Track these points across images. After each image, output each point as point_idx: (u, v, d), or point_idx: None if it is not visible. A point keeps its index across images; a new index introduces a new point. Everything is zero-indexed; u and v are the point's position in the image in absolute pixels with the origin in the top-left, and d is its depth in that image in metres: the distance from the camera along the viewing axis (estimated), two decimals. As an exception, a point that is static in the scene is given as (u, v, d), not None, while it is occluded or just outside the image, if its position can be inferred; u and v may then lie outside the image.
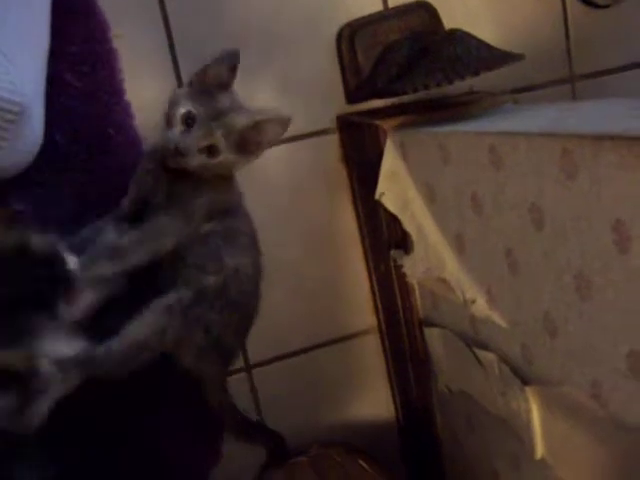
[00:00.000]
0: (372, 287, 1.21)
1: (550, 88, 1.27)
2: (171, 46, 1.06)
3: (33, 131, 0.92)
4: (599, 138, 0.60)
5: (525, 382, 0.84)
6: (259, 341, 1.07)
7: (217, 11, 1.07)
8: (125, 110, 1.02)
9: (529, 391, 0.83)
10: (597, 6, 1.28)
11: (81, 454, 1.03)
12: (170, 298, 0.89)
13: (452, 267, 0.94)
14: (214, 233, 0.91)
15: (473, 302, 0.91)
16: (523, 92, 1.22)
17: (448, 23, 1.15)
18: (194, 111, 0.85)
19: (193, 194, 0.90)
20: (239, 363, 1.16)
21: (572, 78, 1.29)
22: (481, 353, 0.93)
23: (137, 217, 0.91)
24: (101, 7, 1.00)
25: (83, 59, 0.98)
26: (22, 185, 0.96)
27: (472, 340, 0.96)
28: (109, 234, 0.91)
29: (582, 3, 1.28)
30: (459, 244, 0.92)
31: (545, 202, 0.71)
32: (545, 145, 0.68)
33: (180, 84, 1.06)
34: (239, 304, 0.95)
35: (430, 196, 0.96)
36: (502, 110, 1.02)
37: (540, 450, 0.85)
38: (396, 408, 1.27)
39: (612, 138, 0.59)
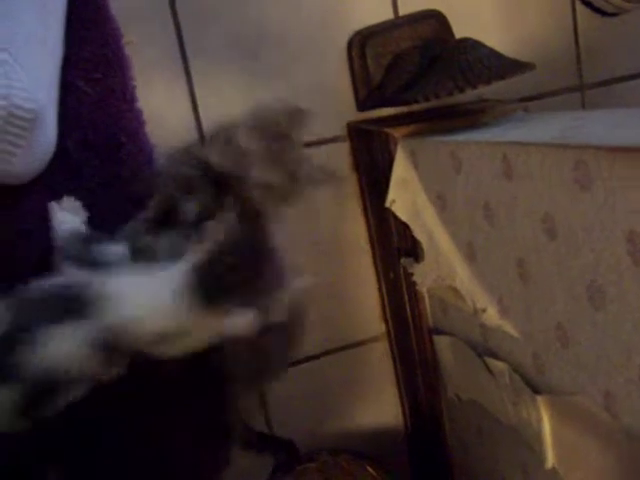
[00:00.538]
0: (381, 294, 1.21)
1: (560, 96, 1.27)
2: (183, 53, 1.07)
3: (46, 138, 0.92)
4: (614, 150, 0.60)
5: (536, 391, 0.84)
6: (269, 348, 1.07)
7: (229, 19, 1.08)
8: (137, 117, 1.02)
9: (540, 401, 0.83)
10: (606, 14, 1.28)
11: (89, 453, 1.03)
12: None
13: (463, 276, 0.94)
14: None
15: (484, 311, 0.90)
16: (533, 100, 1.23)
17: (458, 32, 1.15)
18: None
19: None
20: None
21: (582, 86, 1.29)
22: (491, 362, 0.93)
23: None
24: (114, 14, 1.00)
25: (95, 66, 0.99)
26: (34, 191, 0.96)
27: (482, 349, 0.96)
28: None
29: (592, 11, 1.28)
30: (470, 253, 0.92)
31: (558, 212, 0.71)
32: (559, 156, 0.68)
33: (192, 92, 1.07)
34: None
35: (441, 204, 0.96)
36: (513, 118, 1.02)
37: (551, 459, 0.85)
38: (404, 415, 1.27)
39: (627, 150, 0.59)
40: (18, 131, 0.84)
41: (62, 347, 0.75)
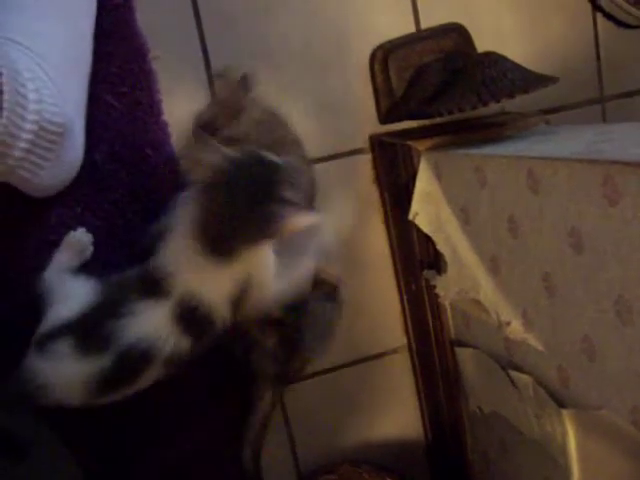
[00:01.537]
0: (403, 306, 1.21)
1: (581, 109, 1.27)
2: (207, 67, 1.08)
3: (74, 151, 0.94)
4: (644, 165, 0.61)
5: (561, 405, 0.84)
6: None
7: (252, 33, 1.09)
8: (162, 129, 1.04)
9: (565, 414, 0.83)
10: (628, 26, 1.29)
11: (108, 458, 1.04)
12: None
13: (487, 289, 0.94)
14: None
15: (508, 324, 0.90)
16: (553, 113, 1.23)
17: (480, 45, 1.16)
18: None
19: None
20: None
21: (602, 99, 1.29)
22: (515, 374, 0.93)
23: None
24: (140, 30, 1.01)
25: (123, 80, 1.00)
26: (62, 203, 0.98)
27: (506, 361, 0.96)
28: None
29: (613, 24, 1.29)
30: (494, 266, 0.92)
31: (585, 226, 0.71)
32: (587, 171, 0.68)
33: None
34: None
35: (465, 217, 0.96)
36: (536, 132, 1.02)
37: (576, 474, 0.84)
38: (425, 428, 1.26)
39: (657, 166, 0.60)
40: (47, 144, 0.86)
41: (149, 319, 0.81)
